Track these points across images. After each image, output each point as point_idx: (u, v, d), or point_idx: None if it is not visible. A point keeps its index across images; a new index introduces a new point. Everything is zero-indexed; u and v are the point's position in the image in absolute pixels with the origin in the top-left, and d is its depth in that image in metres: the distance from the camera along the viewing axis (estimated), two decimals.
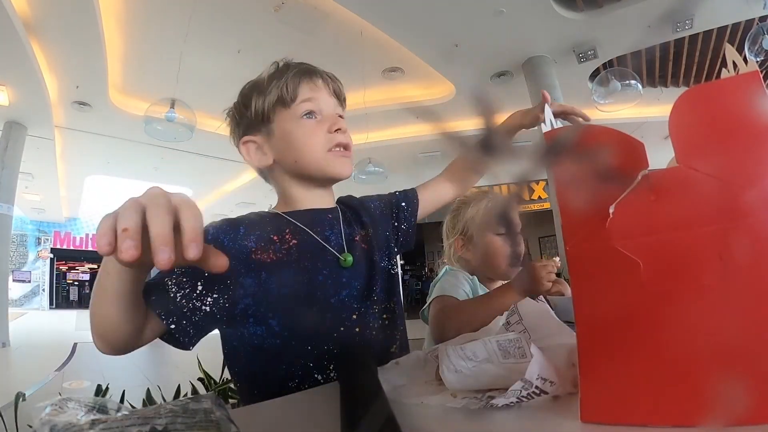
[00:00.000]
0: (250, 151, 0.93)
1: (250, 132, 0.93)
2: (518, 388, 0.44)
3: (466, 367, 0.51)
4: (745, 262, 0.37)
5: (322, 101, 0.91)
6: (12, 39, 4.80)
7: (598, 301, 0.42)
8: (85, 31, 5.00)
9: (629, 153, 0.42)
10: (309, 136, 0.88)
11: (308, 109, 0.89)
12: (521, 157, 0.48)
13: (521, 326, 0.62)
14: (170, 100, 5.77)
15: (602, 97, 5.50)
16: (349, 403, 0.50)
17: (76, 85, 6.31)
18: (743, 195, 0.38)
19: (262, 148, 0.92)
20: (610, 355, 0.41)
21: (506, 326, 0.64)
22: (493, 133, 0.49)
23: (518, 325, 0.62)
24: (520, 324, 0.62)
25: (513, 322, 0.63)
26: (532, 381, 0.44)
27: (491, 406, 0.46)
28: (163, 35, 5.41)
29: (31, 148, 7.51)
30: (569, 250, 0.44)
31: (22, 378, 4.94)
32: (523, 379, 0.44)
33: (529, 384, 0.44)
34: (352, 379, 0.58)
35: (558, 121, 1.02)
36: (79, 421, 0.33)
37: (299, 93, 0.89)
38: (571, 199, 0.45)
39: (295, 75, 0.91)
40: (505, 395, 0.45)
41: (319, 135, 0.88)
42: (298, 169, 0.90)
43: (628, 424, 0.39)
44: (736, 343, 0.37)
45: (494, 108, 0.48)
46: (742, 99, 0.40)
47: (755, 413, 0.35)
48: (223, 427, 0.35)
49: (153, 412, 0.35)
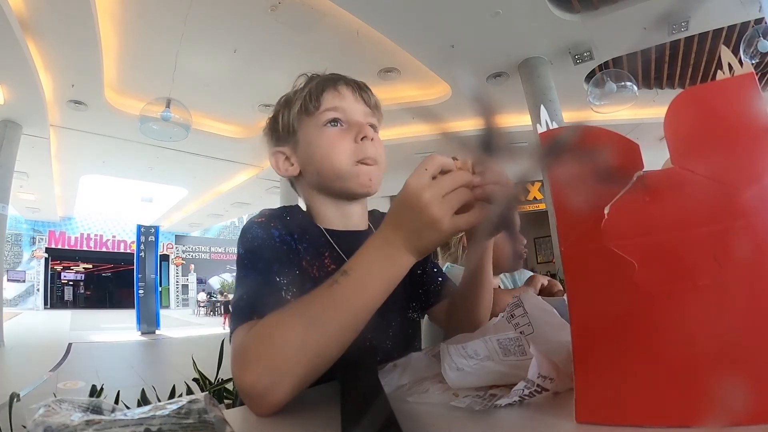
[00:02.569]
0: (279, 161, 0.89)
1: (280, 144, 0.90)
2: (521, 388, 0.45)
3: (468, 365, 0.52)
4: (740, 262, 0.37)
5: (348, 109, 0.84)
6: (7, 37, 4.78)
7: (592, 301, 0.43)
8: (81, 29, 4.98)
9: (624, 154, 0.42)
10: (332, 145, 0.81)
11: (332, 117, 0.83)
12: (518, 158, 0.49)
13: (526, 319, 0.62)
14: (166, 99, 5.77)
15: (598, 99, 5.53)
16: (349, 403, 0.50)
17: (71, 84, 6.28)
18: (738, 196, 0.38)
19: (289, 158, 0.88)
20: (605, 355, 0.41)
21: (509, 319, 0.64)
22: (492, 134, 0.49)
23: (523, 318, 0.62)
24: (524, 317, 0.62)
25: (518, 315, 0.63)
26: (534, 380, 0.45)
27: (495, 406, 0.46)
28: (159, 34, 5.40)
29: (26, 146, 7.48)
30: (564, 251, 0.44)
31: (16, 378, 4.91)
32: (525, 379, 0.45)
33: (531, 383, 0.45)
34: (353, 379, 0.58)
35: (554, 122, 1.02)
36: (72, 421, 0.33)
37: (323, 101, 0.84)
38: (566, 200, 0.45)
39: (319, 83, 0.85)
40: (508, 395, 0.45)
41: (344, 144, 0.81)
42: (321, 182, 0.85)
43: (623, 425, 0.39)
44: (731, 344, 0.37)
45: (494, 108, 0.48)
46: (737, 101, 0.40)
47: (750, 413, 0.35)
48: (217, 427, 0.35)
49: (147, 412, 0.34)
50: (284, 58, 5.60)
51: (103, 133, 7.91)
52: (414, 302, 0.93)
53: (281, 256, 0.74)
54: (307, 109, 0.84)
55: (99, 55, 5.53)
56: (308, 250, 0.80)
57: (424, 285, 0.95)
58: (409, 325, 0.92)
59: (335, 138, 0.82)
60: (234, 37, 5.40)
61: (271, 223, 0.78)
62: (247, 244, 0.74)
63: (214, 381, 2.29)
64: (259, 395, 0.53)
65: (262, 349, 0.55)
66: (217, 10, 4.96)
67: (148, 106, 5.86)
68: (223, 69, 6.08)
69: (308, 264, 0.79)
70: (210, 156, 9.19)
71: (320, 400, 0.58)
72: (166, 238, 19.48)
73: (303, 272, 0.77)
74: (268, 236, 0.75)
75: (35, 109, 6.59)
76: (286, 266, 0.72)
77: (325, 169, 0.82)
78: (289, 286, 0.70)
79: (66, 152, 8.94)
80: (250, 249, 0.73)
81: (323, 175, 0.83)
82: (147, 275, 11.07)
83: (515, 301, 0.65)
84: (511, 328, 0.62)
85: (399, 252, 0.56)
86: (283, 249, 0.76)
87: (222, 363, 2.29)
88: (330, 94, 0.84)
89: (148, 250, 11.29)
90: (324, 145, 0.82)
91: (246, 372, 0.54)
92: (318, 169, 0.83)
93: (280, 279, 0.70)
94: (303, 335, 0.55)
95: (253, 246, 0.73)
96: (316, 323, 0.55)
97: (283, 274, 0.70)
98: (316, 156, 0.83)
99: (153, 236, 11.47)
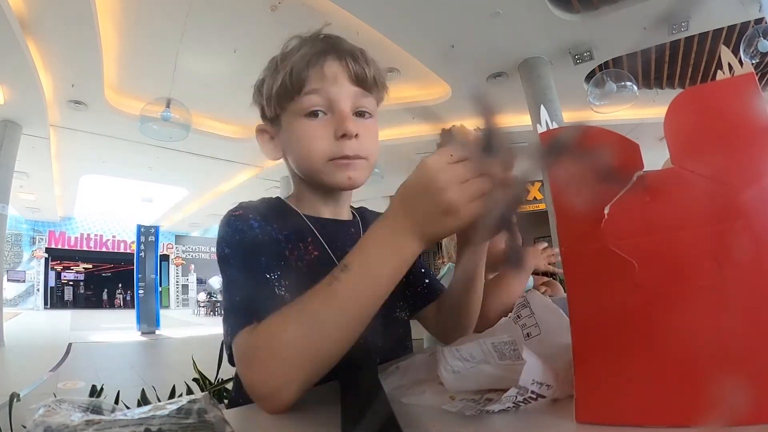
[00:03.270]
0: (263, 141, 0.84)
1: (265, 117, 0.83)
2: (513, 394, 0.44)
3: (464, 367, 0.51)
4: (740, 262, 0.37)
5: (333, 93, 0.74)
6: (7, 37, 4.78)
7: (592, 301, 0.43)
8: (81, 29, 4.98)
9: (624, 154, 0.42)
10: (309, 141, 0.75)
11: (312, 105, 0.74)
12: (518, 158, 0.48)
13: (533, 320, 0.61)
14: (166, 99, 5.78)
15: (598, 99, 5.53)
16: (350, 403, 0.50)
17: (71, 84, 6.29)
18: (738, 196, 0.38)
19: (273, 139, 0.83)
20: (605, 355, 0.41)
21: (516, 319, 0.63)
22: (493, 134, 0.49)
23: (530, 318, 0.62)
24: (531, 318, 0.62)
25: (524, 315, 0.62)
26: (527, 387, 0.44)
27: (487, 412, 0.45)
28: (159, 34, 5.40)
29: (26, 147, 7.49)
30: (564, 251, 0.44)
31: (16, 378, 4.92)
32: (517, 386, 0.43)
33: (524, 390, 0.44)
34: (353, 379, 0.58)
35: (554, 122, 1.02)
36: (72, 421, 0.33)
37: (306, 81, 0.74)
38: (566, 200, 0.45)
39: (304, 56, 0.75)
40: (500, 401, 0.44)
41: (321, 140, 0.74)
42: (300, 172, 0.81)
43: (623, 425, 0.39)
44: (731, 344, 0.37)
45: (493, 107, 0.48)
46: (737, 101, 0.40)
47: (750, 413, 0.35)
48: (217, 427, 0.35)
49: (147, 412, 0.34)
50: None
51: (103, 133, 7.92)
52: (401, 302, 0.90)
53: (266, 249, 0.71)
54: (287, 91, 0.75)
55: (99, 56, 5.54)
56: (290, 238, 0.77)
57: (410, 286, 0.92)
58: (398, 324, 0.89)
59: (313, 132, 0.75)
60: (234, 37, 5.41)
61: (250, 215, 0.73)
62: (230, 239, 0.70)
63: (214, 381, 2.28)
64: (271, 394, 0.53)
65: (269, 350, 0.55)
66: (217, 11, 4.97)
67: (148, 106, 5.86)
68: (223, 69, 6.08)
69: (289, 252, 0.76)
70: (210, 156, 9.19)
71: (320, 400, 0.58)
72: (166, 238, 19.45)
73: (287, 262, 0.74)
74: (249, 228, 0.71)
75: (35, 109, 6.60)
76: (273, 259, 0.70)
77: (301, 163, 0.79)
78: (281, 280, 0.67)
79: (66, 152, 8.94)
80: (234, 245, 0.70)
81: (300, 168, 0.80)
82: (147, 275, 11.07)
83: (522, 301, 0.64)
84: (517, 329, 0.62)
85: (405, 241, 0.53)
86: (265, 240, 0.72)
87: (222, 363, 2.29)
88: (315, 71, 0.74)
89: (148, 250, 11.29)
90: (301, 138, 0.76)
91: (256, 373, 0.54)
92: (295, 161, 0.80)
93: (271, 275, 0.67)
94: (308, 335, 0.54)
95: (236, 241, 0.70)
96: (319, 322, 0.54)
97: (272, 269, 0.67)
98: (294, 148, 0.78)
99: (153, 236, 11.47)
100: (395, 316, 0.88)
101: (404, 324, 0.91)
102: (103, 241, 19.72)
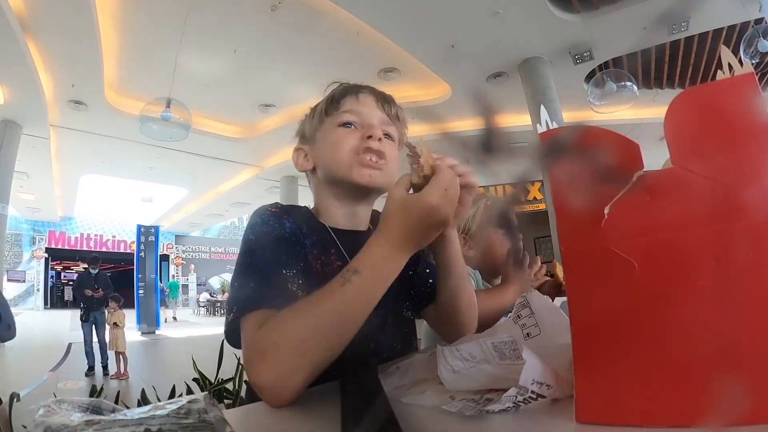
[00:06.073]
0: (298, 157, 0.95)
1: (303, 142, 0.96)
2: (513, 394, 0.44)
3: (463, 367, 0.51)
4: (740, 262, 0.37)
5: (365, 114, 0.88)
6: (7, 37, 4.78)
7: (593, 301, 0.43)
8: (81, 29, 4.98)
9: (625, 154, 0.42)
10: (341, 141, 0.85)
11: (347, 119, 0.87)
12: (518, 158, 0.49)
13: (533, 320, 0.61)
14: (166, 99, 5.77)
15: (598, 99, 5.53)
16: (350, 403, 0.50)
17: (71, 84, 6.28)
18: (738, 196, 0.38)
19: (307, 155, 0.93)
20: (605, 355, 0.41)
21: (516, 319, 0.63)
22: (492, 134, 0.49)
23: (530, 318, 0.62)
24: (531, 318, 0.62)
25: (524, 315, 0.62)
26: (527, 386, 0.44)
27: (487, 412, 0.45)
28: (159, 34, 5.40)
29: (26, 147, 7.48)
30: (564, 251, 0.44)
31: (16, 378, 4.92)
32: (517, 386, 0.43)
33: (524, 390, 0.44)
34: (353, 379, 0.58)
35: (554, 122, 1.02)
36: (72, 421, 0.33)
37: (342, 104, 0.89)
38: (566, 200, 0.45)
39: (343, 89, 0.91)
40: (500, 401, 0.44)
41: (351, 141, 0.85)
42: (330, 176, 0.88)
43: (623, 425, 0.39)
44: (731, 344, 0.37)
45: (493, 107, 0.48)
46: (737, 101, 0.40)
47: (750, 413, 0.35)
48: (217, 427, 0.35)
49: (147, 412, 0.34)
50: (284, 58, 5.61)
51: (103, 133, 7.91)
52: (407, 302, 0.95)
53: (290, 248, 0.78)
54: (327, 110, 0.90)
55: (99, 55, 5.53)
56: (314, 246, 0.84)
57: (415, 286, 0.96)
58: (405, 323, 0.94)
59: (345, 136, 0.86)
60: (234, 37, 5.40)
61: (284, 215, 0.81)
62: (259, 230, 0.77)
63: (214, 381, 2.29)
64: (279, 386, 0.57)
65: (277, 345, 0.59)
66: (217, 11, 4.96)
67: (148, 106, 5.85)
68: (223, 69, 6.08)
69: (313, 259, 0.82)
70: (210, 156, 9.19)
71: (320, 400, 0.58)
72: (166, 238, 19.43)
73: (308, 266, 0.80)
74: (280, 226, 0.79)
75: (35, 109, 6.59)
76: (294, 258, 0.76)
77: (332, 163, 0.86)
78: (295, 278, 0.73)
79: (66, 152, 8.94)
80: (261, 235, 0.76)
81: (328, 167, 0.88)
82: (147, 275, 11.07)
83: (522, 301, 0.64)
84: (517, 329, 0.62)
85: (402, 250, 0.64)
86: (292, 241, 0.79)
87: (222, 363, 2.29)
88: (351, 98, 0.89)
89: (148, 250, 11.30)
90: (335, 141, 0.86)
91: (263, 365, 0.58)
92: (325, 162, 0.88)
93: (287, 271, 0.73)
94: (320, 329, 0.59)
95: (264, 233, 0.77)
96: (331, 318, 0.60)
97: (290, 266, 0.74)
98: (327, 150, 0.88)
99: (153, 236, 11.48)
100: (403, 315, 0.94)
101: (411, 323, 0.96)
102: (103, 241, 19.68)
